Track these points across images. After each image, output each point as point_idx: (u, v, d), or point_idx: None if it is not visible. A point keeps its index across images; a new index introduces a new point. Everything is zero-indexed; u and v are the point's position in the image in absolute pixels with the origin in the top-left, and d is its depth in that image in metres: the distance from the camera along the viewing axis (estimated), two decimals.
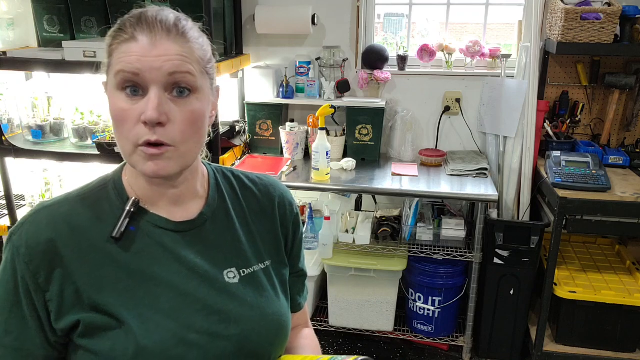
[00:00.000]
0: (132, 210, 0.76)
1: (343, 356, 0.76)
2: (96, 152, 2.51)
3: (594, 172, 2.22)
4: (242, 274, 0.81)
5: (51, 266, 0.71)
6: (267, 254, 0.86)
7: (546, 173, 2.33)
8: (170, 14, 0.74)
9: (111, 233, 0.74)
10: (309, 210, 2.42)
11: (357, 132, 2.66)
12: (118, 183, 0.79)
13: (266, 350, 0.80)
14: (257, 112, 2.74)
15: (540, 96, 2.55)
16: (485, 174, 2.48)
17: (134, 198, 0.77)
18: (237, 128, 2.78)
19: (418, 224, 2.49)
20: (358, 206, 2.83)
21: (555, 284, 2.29)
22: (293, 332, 0.91)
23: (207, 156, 0.87)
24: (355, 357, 0.73)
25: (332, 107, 2.42)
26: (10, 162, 2.72)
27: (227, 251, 0.81)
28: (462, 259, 2.40)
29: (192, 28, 0.76)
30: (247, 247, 0.83)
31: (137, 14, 0.73)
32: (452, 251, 2.42)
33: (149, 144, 0.70)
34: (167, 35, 0.71)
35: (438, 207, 2.69)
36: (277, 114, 2.74)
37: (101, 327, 0.71)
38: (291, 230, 0.91)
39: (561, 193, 2.14)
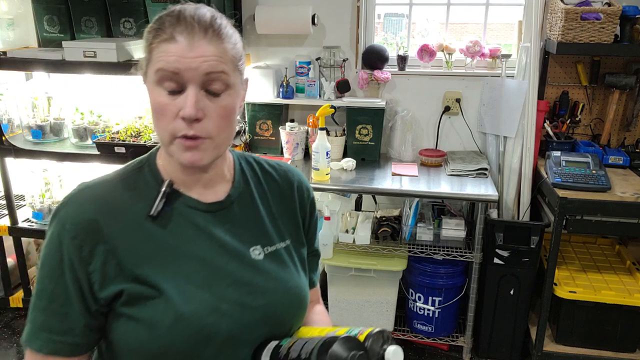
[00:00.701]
0: (167, 191, 0.83)
1: (360, 328, 0.79)
2: (96, 152, 2.51)
3: (594, 172, 2.22)
4: (266, 251, 0.88)
5: (94, 241, 0.77)
6: (288, 234, 0.93)
7: (546, 173, 2.33)
8: (207, 12, 0.80)
9: (149, 212, 0.80)
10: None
11: (357, 132, 2.66)
12: (153, 166, 0.86)
13: (288, 320, 0.87)
14: (257, 112, 2.74)
15: (540, 96, 2.55)
16: (485, 174, 2.48)
17: (168, 180, 0.84)
18: (237, 128, 2.78)
19: (418, 224, 2.49)
20: (358, 206, 2.83)
21: (555, 284, 2.29)
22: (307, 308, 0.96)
23: (247, 140, 0.95)
24: (371, 328, 0.77)
25: (332, 107, 2.42)
26: (10, 162, 2.72)
27: (252, 230, 0.88)
28: (462, 259, 2.40)
29: (226, 26, 0.82)
30: (269, 227, 0.90)
31: (176, 13, 0.78)
32: (452, 251, 2.42)
33: (187, 137, 0.77)
34: (204, 35, 0.77)
35: (438, 207, 2.69)
36: (277, 114, 2.74)
37: (143, 296, 0.77)
38: (308, 212, 0.98)
39: (561, 193, 2.14)
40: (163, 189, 0.83)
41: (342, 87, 2.66)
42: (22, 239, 2.84)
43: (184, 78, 0.76)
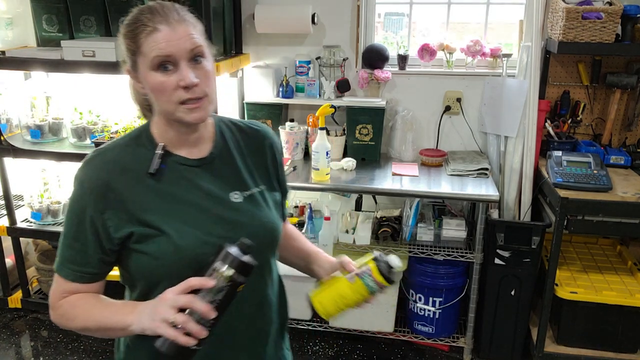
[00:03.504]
0: (161, 153, 1.02)
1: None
2: None
3: (595, 172, 2.21)
4: (244, 196, 1.08)
5: (107, 196, 0.98)
6: (261, 181, 1.13)
7: (547, 173, 2.32)
8: (169, 4, 0.98)
9: (148, 170, 1.01)
10: (309, 210, 2.41)
11: (357, 131, 2.65)
12: (148, 134, 1.06)
13: (265, 249, 1.10)
14: (257, 111, 2.73)
15: (542, 96, 2.54)
16: (486, 174, 2.47)
17: (162, 144, 1.03)
18: None
19: (418, 224, 2.48)
20: (358, 206, 2.82)
21: (557, 285, 2.28)
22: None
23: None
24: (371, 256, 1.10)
25: (332, 106, 2.41)
26: (8, 162, 2.71)
27: (231, 179, 1.09)
28: (462, 259, 2.39)
29: (186, 10, 1.01)
30: (246, 176, 1.10)
31: (148, 9, 0.96)
32: (452, 251, 2.41)
33: (191, 101, 0.97)
34: (177, 20, 0.96)
35: (439, 207, 2.68)
36: (276, 113, 2.73)
37: (149, 235, 0.99)
38: (278, 163, 1.19)
39: (562, 193, 2.13)
40: (159, 151, 1.02)
41: (342, 87, 2.65)
42: (21, 239, 2.83)
43: (176, 57, 0.95)
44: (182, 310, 0.88)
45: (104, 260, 1.02)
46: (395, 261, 1.07)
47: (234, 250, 0.91)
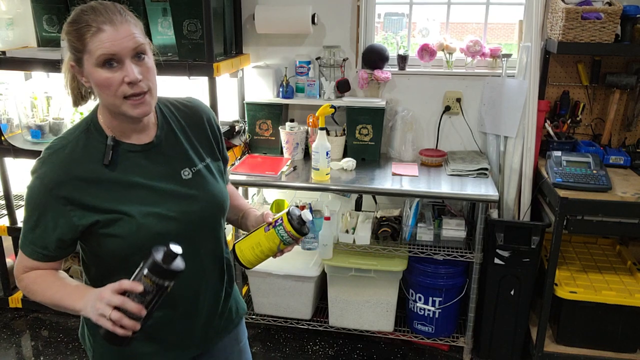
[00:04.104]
0: (112, 144, 1.10)
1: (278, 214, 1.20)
2: None
3: (594, 172, 2.21)
4: (193, 171, 1.19)
5: (68, 191, 1.06)
6: (205, 155, 1.24)
7: (547, 173, 2.33)
8: (111, 4, 1.05)
9: (103, 162, 1.09)
10: (309, 210, 2.41)
11: (357, 132, 2.66)
12: (97, 126, 1.12)
13: (216, 216, 1.23)
14: (257, 111, 2.74)
15: (541, 96, 2.54)
16: (485, 174, 2.47)
17: (111, 136, 1.11)
18: (237, 128, 2.78)
19: (418, 224, 2.49)
20: (358, 206, 2.82)
21: (556, 284, 2.28)
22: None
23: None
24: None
25: (332, 106, 2.41)
26: (9, 162, 2.71)
27: (179, 158, 1.19)
28: (462, 259, 2.39)
29: (127, 10, 1.08)
30: (191, 153, 1.21)
31: (91, 9, 1.02)
32: (452, 251, 2.41)
33: (134, 96, 1.04)
34: (120, 20, 1.03)
35: (438, 207, 2.69)
36: (277, 113, 2.73)
37: (113, 220, 1.08)
38: (218, 135, 1.30)
39: (562, 193, 2.13)
40: (109, 143, 1.10)
41: (342, 87, 2.66)
42: None
43: (120, 55, 1.02)
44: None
45: (62, 246, 1.12)
46: (307, 215, 1.18)
47: (159, 256, 0.98)
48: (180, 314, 1.21)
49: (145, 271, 0.98)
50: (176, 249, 1.00)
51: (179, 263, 1.01)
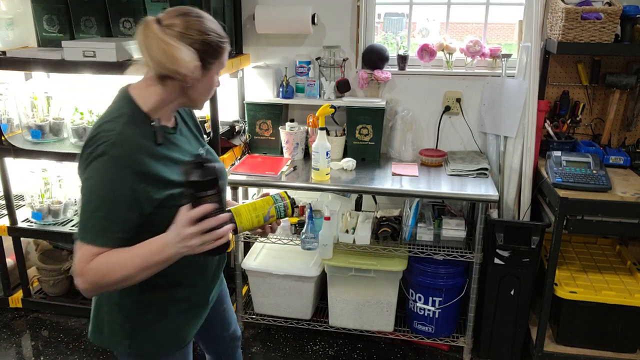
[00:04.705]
0: (159, 125, 1.24)
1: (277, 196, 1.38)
2: None
3: (594, 172, 2.21)
4: (204, 150, 1.42)
5: (142, 166, 1.17)
6: (202, 140, 1.47)
7: (547, 173, 2.33)
8: None
9: (156, 142, 1.22)
10: (309, 210, 2.41)
11: (357, 132, 2.66)
12: (138, 111, 1.23)
13: (225, 187, 1.36)
14: (257, 111, 2.74)
15: (541, 96, 2.54)
16: (485, 174, 2.47)
17: (157, 119, 1.24)
18: (237, 128, 2.78)
19: (418, 224, 2.49)
20: (358, 206, 2.82)
21: (556, 284, 2.28)
22: None
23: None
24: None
25: (332, 107, 2.41)
26: (9, 162, 2.71)
27: (193, 139, 1.40)
28: (462, 259, 2.39)
29: None
30: (197, 135, 1.44)
31: (224, 31, 1.26)
32: (452, 251, 2.41)
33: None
34: None
35: (438, 207, 2.69)
36: (277, 113, 2.73)
37: (183, 192, 1.18)
38: (199, 125, 1.50)
39: (562, 193, 2.14)
40: (156, 124, 1.23)
41: (342, 87, 2.66)
42: (22, 239, 2.83)
43: None
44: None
45: (137, 224, 1.18)
46: (296, 201, 1.49)
47: (203, 175, 1.13)
48: (208, 277, 1.42)
49: (203, 193, 1.12)
50: (198, 158, 1.15)
51: (212, 165, 1.15)
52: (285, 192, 1.40)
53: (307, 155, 2.73)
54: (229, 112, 2.86)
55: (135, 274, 1.14)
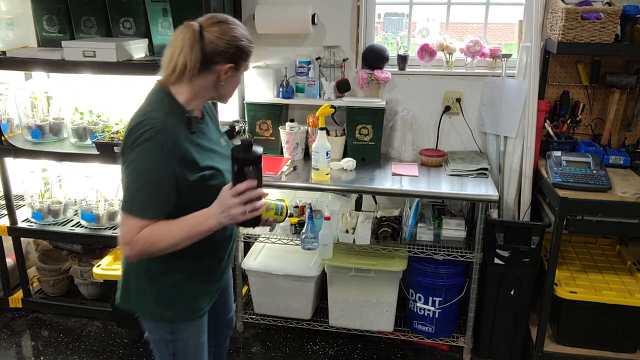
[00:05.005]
0: (192, 116, 1.41)
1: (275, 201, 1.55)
2: (95, 152, 2.51)
3: (594, 172, 2.21)
4: (225, 140, 1.59)
5: (182, 151, 1.35)
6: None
7: (547, 173, 2.33)
8: None
9: (191, 130, 1.40)
10: (309, 210, 2.41)
11: (357, 132, 2.66)
12: (175, 103, 1.40)
13: None
14: (257, 111, 2.74)
15: (541, 96, 2.54)
16: (485, 174, 2.47)
17: (191, 109, 1.42)
18: (237, 128, 2.77)
19: (418, 224, 2.49)
20: (358, 206, 2.82)
21: (556, 284, 2.28)
22: None
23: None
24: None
25: (332, 107, 2.41)
26: (9, 162, 2.71)
27: (215, 130, 1.58)
28: (462, 259, 2.39)
29: None
30: (217, 127, 1.61)
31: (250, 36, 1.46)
32: (452, 251, 2.41)
33: None
34: None
35: (438, 207, 2.69)
36: (277, 113, 2.73)
37: (212, 175, 1.42)
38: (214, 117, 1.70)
39: (562, 193, 2.14)
40: (190, 115, 1.40)
41: (342, 87, 2.66)
42: (22, 239, 2.83)
43: None
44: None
45: (175, 199, 1.36)
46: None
47: (251, 155, 1.33)
48: (223, 253, 1.59)
49: (247, 169, 1.32)
50: (246, 141, 1.32)
51: (256, 148, 1.34)
52: (285, 200, 1.60)
53: (307, 155, 2.73)
54: (229, 112, 2.86)
55: (179, 243, 1.34)
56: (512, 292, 2.39)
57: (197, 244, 1.38)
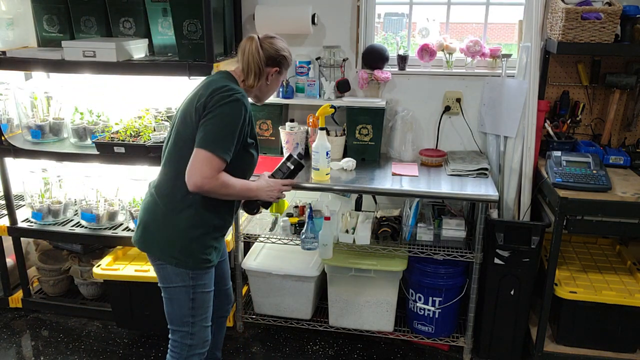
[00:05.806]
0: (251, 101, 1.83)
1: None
2: (95, 152, 2.51)
3: (594, 172, 2.21)
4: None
5: (249, 117, 1.75)
6: None
7: (547, 173, 2.33)
8: None
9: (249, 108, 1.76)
10: (309, 210, 2.41)
11: (357, 132, 2.66)
12: (243, 92, 1.75)
13: None
14: (257, 111, 2.74)
15: (541, 96, 2.54)
16: (485, 174, 2.47)
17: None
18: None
19: (418, 224, 2.49)
20: (358, 206, 2.82)
21: (556, 284, 2.28)
22: None
23: None
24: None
25: (332, 107, 2.41)
26: (9, 162, 2.71)
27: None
28: (462, 259, 2.39)
29: None
30: None
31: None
32: (452, 251, 2.41)
33: None
34: None
35: (438, 207, 2.69)
36: (277, 113, 2.74)
37: (254, 144, 1.83)
38: None
39: (562, 193, 2.14)
40: (250, 100, 1.83)
41: (342, 87, 2.66)
42: (22, 239, 2.83)
43: None
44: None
45: (231, 157, 1.70)
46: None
47: (299, 163, 1.98)
48: (231, 218, 1.89)
49: (296, 172, 1.98)
50: (300, 155, 1.97)
51: (303, 160, 2.00)
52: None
53: (307, 155, 2.73)
54: None
55: (237, 195, 1.77)
56: (512, 292, 2.39)
57: (224, 207, 1.79)
